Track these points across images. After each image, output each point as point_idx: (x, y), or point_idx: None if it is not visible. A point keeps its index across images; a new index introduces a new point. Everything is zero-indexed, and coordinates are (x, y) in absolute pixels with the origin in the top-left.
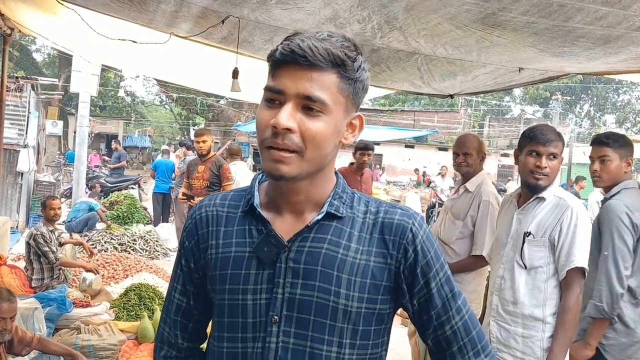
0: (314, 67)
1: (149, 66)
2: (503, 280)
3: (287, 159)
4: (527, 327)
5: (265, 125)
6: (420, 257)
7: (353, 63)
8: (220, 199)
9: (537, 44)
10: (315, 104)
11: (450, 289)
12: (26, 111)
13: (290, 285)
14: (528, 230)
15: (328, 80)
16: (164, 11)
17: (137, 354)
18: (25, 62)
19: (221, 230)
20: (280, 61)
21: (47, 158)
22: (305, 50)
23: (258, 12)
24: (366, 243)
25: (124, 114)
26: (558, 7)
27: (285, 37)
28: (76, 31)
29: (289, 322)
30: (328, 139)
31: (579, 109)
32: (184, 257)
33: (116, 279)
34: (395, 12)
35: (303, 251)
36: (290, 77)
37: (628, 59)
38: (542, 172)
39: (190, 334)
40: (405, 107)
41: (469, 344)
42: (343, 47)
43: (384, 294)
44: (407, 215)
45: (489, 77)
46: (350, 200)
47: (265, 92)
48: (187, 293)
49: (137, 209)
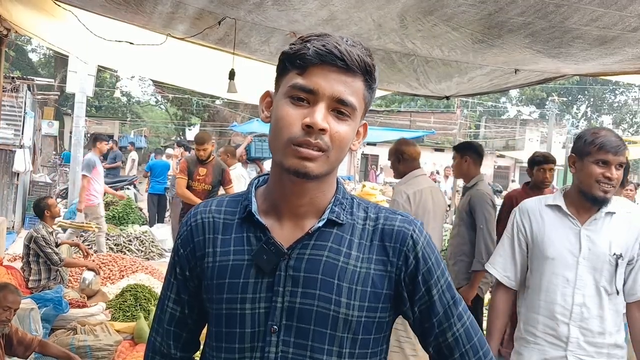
0: (348, 71)
1: (145, 67)
2: (585, 308)
3: (316, 157)
4: (610, 357)
5: (293, 123)
6: (422, 264)
7: (375, 72)
8: (215, 205)
9: (533, 45)
10: (346, 108)
11: (451, 295)
12: (22, 111)
13: (290, 294)
14: (619, 253)
15: (357, 86)
16: (160, 12)
17: (133, 354)
18: (21, 63)
19: (218, 238)
20: (313, 61)
21: (43, 158)
22: (343, 53)
23: (254, 13)
24: (366, 250)
25: (119, 114)
26: (554, 8)
27: (305, 37)
28: (72, 32)
29: (288, 331)
30: (348, 143)
31: (575, 109)
32: (179, 265)
33: (112, 279)
34: (391, 13)
35: (303, 259)
36: (324, 78)
37: (624, 60)
38: (610, 183)
39: (183, 344)
40: (401, 107)
41: (471, 350)
42: (367, 55)
43: (385, 302)
44: (408, 221)
45: (485, 78)
46: (350, 206)
47: (290, 89)
48: (181, 302)
49: (133, 210)
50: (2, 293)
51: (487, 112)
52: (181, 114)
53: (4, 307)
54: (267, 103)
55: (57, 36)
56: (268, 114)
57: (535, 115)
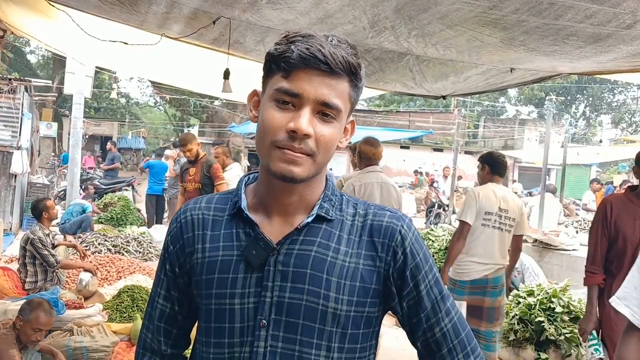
0: (333, 74)
1: (142, 67)
2: None
3: (301, 161)
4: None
5: (278, 127)
6: (410, 259)
7: (360, 71)
8: (205, 202)
9: (527, 42)
10: (331, 111)
11: (439, 290)
12: (20, 113)
13: (279, 289)
14: None
15: (342, 88)
16: (155, 12)
17: (129, 355)
18: (19, 64)
19: (207, 234)
20: (297, 65)
21: (41, 160)
22: (327, 56)
23: (249, 12)
24: (355, 246)
25: (118, 115)
26: (548, 5)
27: (290, 37)
28: (69, 33)
29: (277, 326)
30: (334, 144)
31: (574, 109)
32: (168, 261)
33: (109, 280)
34: (386, 11)
35: (292, 254)
36: (308, 81)
37: (619, 57)
38: None
39: (174, 340)
40: (400, 108)
41: (459, 345)
42: (352, 55)
43: (373, 297)
44: (396, 217)
45: (480, 77)
46: (340, 203)
47: (275, 93)
48: (171, 298)
49: (131, 211)
50: (35, 313)
51: (486, 112)
52: (180, 115)
53: (35, 329)
54: (254, 102)
55: (53, 37)
56: (256, 113)
57: (533, 115)
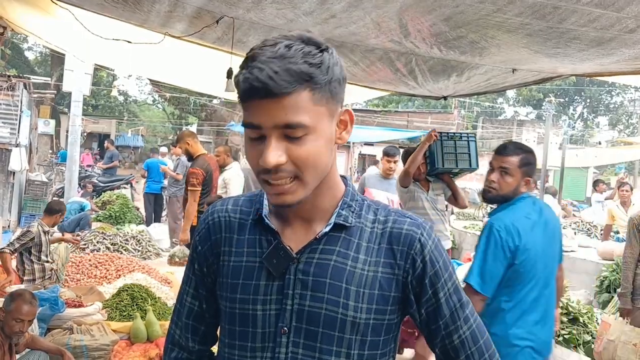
0: (281, 95)
1: (142, 66)
2: None
3: (288, 189)
4: None
5: (255, 164)
6: (429, 267)
7: (320, 69)
8: (232, 204)
9: (531, 45)
10: (296, 130)
11: (458, 298)
12: (18, 110)
13: (299, 297)
14: None
15: (301, 101)
16: (158, 11)
17: (129, 354)
18: (18, 61)
19: (234, 238)
20: (245, 97)
21: (39, 157)
22: (266, 82)
23: (253, 12)
24: (374, 254)
25: (116, 113)
26: (552, 9)
27: (247, 55)
28: (69, 30)
29: (297, 333)
30: (322, 154)
31: (572, 110)
32: (197, 261)
33: (109, 279)
34: (390, 12)
35: (312, 263)
36: (261, 109)
37: (621, 60)
38: None
39: (201, 337)
40: (399, 108)
41: (477, 352)
42: (305, 57)
43: (392, 305)
44: (416, 225)
45: (482, 78)
46: (360, 209)
47: (245, 128)
48: (199, 297)
49: (130, 209)
50: (16, 303)
51: (484, 113)
52: (178, 113)
53: (16, 319)
54: None
55: (53, 34)
56: None
57: (532, 116)
